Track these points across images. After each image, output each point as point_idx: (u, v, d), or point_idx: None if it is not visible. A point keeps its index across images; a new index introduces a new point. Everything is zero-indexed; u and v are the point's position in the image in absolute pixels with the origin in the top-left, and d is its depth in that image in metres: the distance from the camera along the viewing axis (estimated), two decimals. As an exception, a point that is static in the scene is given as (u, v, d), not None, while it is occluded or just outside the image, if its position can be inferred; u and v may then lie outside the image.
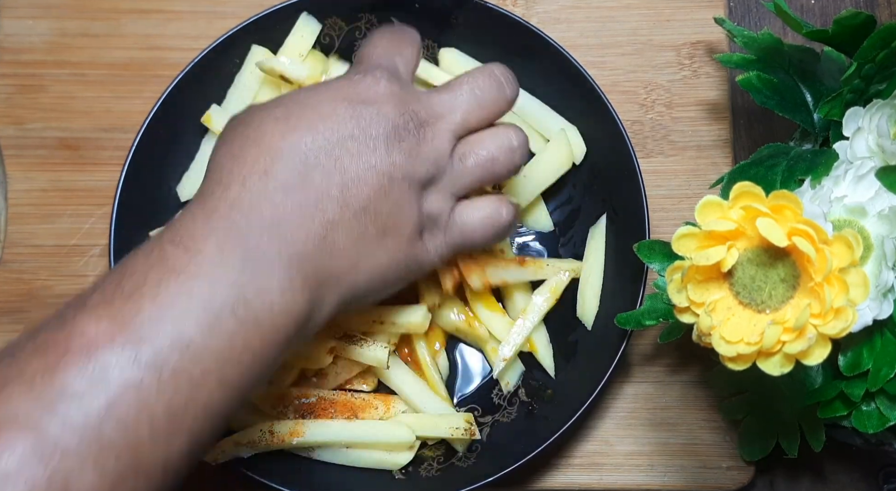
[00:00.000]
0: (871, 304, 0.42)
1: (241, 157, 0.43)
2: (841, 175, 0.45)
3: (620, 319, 0.49)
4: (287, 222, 0.42)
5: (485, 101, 0.48)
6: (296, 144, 0.43)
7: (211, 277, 0.39)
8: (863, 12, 0.47)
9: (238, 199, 0.42)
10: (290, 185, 0.43)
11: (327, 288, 0.43)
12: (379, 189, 0.44)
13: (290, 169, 0.43)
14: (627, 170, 0.54)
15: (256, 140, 0.44)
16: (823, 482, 0.57)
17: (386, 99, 0.45)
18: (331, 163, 0.43)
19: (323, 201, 0.43)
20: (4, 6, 0.61)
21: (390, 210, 0.45)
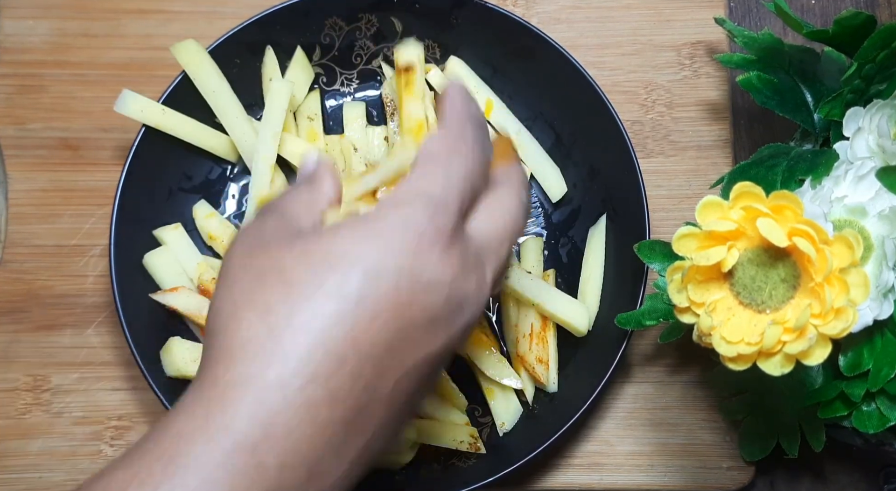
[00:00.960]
0: (871, 304, 0.42)
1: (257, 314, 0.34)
2: (841, 175, 0.45)
3: (620, 319, 0.49)
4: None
5: (517, 235, 0.41)
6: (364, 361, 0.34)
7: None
8: (863, 12, 0.47)
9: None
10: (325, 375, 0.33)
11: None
12: (425, 377, 0.37)
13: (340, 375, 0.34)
14: (627, 170, 0.54)
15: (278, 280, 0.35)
16: (823, 482, 0.57)
17: (455, 265, 0.36)
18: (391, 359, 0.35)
19: (369, 408, 0.35)
20: (4, 6, 0.61)
21: (425, 389, 0.38)
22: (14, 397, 0.56)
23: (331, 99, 0.60)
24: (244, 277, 0.35)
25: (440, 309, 0.36)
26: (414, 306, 0.35)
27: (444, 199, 0.37)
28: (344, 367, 0.33)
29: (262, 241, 0.37)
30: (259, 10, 0.56)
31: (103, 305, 0.58)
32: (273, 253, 0.35)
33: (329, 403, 0.33)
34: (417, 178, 0.37)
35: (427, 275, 0.35)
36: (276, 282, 0.34)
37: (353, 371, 0.33)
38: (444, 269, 0.36)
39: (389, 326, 0.34)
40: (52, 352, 0.57)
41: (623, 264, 0.54)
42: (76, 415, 0.56)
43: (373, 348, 0.34)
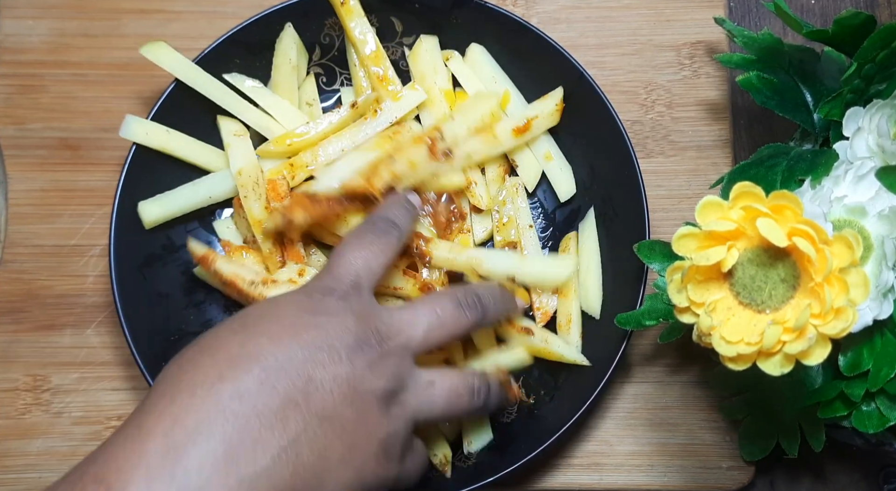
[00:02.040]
0: (871, 304, 0.42)
1: (192, 367, 0.40)
2: (841, 175, 0.45)
3: (620, 319, 0.49)
4: (240, 435, 0.38)
5: (445, 322, 0.48)
6: (256, 352, 0.41)
7: None
8: (863, 12, 0.47)
9: (182, 412, 0.38)
10: (247, 392, 0.39)
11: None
12: (344, 399, 0.42)
13: (250, 375, 0.40)
14: (627, 170, 0.54)
15: (211, 350, 0.41)
16: (823, 482, 0.57)
17: (348, 314, 0.44)
18: (293, 370, 0.41)
19: (285, 409, 0.40)
20: (4, 6, 0.61)
21: (356, 423, 0.42)
22: (14, 397, 0.56)
23: (331, 99, 0.60)
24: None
25: (334, 340, 0.43)
26: (310, 333, 0.43)
27: (339, 272, 0.48)
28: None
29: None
30: (259, 10, 0.56)
31: (103, 305, 0.58)
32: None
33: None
34: (325, 271, 0.48)
35: (317, 319, 0.44)
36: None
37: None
38: (335, 311, 0.45)
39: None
40: (52, 352, 0.57)
41: (623, 264, 0.54)
42: (76, 415, 0.56)
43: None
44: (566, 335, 0.56)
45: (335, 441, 0.41)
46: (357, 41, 0.56)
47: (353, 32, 0.56)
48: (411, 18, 0.58)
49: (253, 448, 0.38)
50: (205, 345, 0.42)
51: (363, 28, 0.56)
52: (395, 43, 0.58)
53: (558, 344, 0.55)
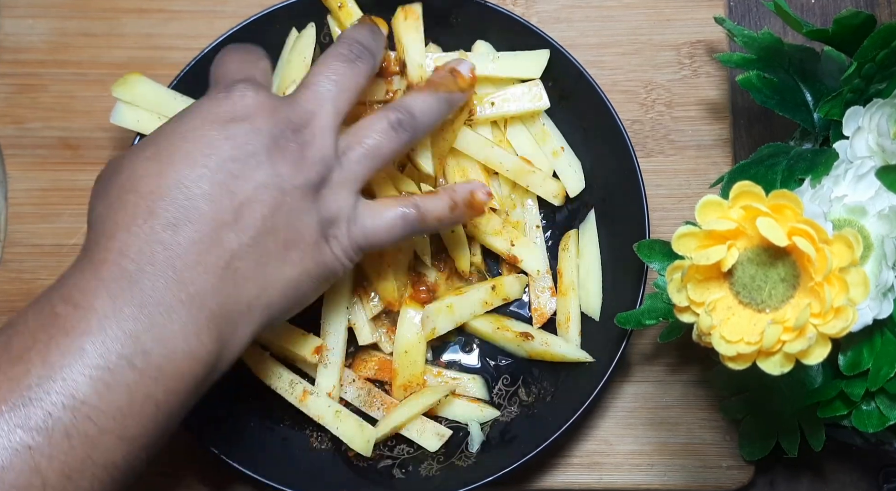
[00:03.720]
0: (871, 303, 0.42)
1: (121, 206, 0.42)
2: (841, 174, 0.45)
3: (620, 319, 0.49)
4: (182, 260, 0.40)
5: (344, 84, 0.47)
6: (175, 180, 0.42)
7: (104, 332, 0.38)
8: (863, 12, 0.47)
9: (125, 246, 0.40)
10: (179, 220, 0.41)
11: (238, 320, 0.42)
12: (272, 205, 0.43)
13: (176, 205, 0.41)
14: (627, 169, 0.54)
15: (133, 186, 0.42)
16: (823, 482, 0.57)
17: (256, 111, 0.44)
18: (216, 190, 0.42)
19: (217, 230, 0.41)
20: (4, 6, 0.61)
21: (288, 222, 0.44)
22: (14, 397, 0.56)
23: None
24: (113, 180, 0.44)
25: (248, 142, 0.43)
26: (224, 145, 0.43)
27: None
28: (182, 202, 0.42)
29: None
30: (259, 10, 0.56)
31: (103, 305, 0.57)
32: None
33: (176, 227, 0.41)
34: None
35: (234, 113, 0.44)
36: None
37: (191, 204, 0.42)
38: (243, 104, 0.45)
39: (209, 166, 0.42)
40: (52, 351, 0.57)
41: (623, 264, 0.54)
42: (76, 414, 0.56)
43: (201, 184, 0.42)
44: (566, 334, 0.56)
45: (270, 245, 0.43)
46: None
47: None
48: (411, 18, 0.58)
49: (194, 268, 0.41)
50: (125, 180, 0.42)
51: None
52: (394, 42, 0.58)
53: (559, 344, 0.55)
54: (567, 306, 0.56)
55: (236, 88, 0.45)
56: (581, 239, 0.57)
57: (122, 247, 0.40)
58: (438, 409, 0.56)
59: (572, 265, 0.56)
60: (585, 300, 0.56)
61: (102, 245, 0.41)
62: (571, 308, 0.56)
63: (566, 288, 0.56)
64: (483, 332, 0.56)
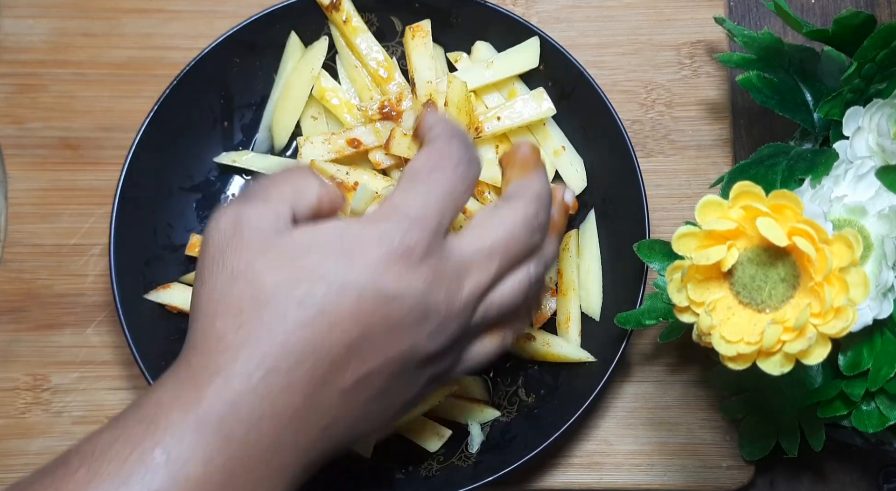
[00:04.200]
0: (871, 303, 0.42)
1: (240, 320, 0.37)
2: (841, 174, 0.45)
3: (620, 319, 0.49)
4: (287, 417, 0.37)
5: (517, 253, 0.42)
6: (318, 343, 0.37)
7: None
8: (863, 12, 0.47)
9: (230, 395, 0.36)
10: (302, 381, 0.37)
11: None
12: (392, 377, 0.39)
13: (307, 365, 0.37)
14: (627, 169, 0.54)
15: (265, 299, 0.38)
16: (823, 482, 0.57)
17: (419, 283, 0.38)
18: (356, 356, 0.38)
19: (326, 398, 0.38)
20: (4, 6, 0.61)
21: (399, 390, 0.41)
22: (14, 397, 0.56)
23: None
24: (219, 276, 0.38)
25: (402, 318, 0.38)
26: (375, 316, 0.38)
27: (420, 216, 0.39)
28: (302, 365, 0.37)
29: (236, 236, 0.39)
30: (259, 10, 0.56)
31: (103, 305, 0.58)
32: (246, 256, 0.38)
33: (288, 391, 0.37)
34: (399, 195, 0.40)
35: (391, 289, 0.38)
36: (247, 286, 0.38)
37: (310, 369, 0.37)
38: (408, 282, 0.38)
39: (349, 333, 0.38)
40: (51, 351, 0.57)
41: (623, 264, 0.54)
42: (76, 414, 0.56)
43: (331, 351, 0.37)
44: (566, 334, 0.56)
45: (373, 408, 0.40)
46: (365, 58, 0.57)
47: (359, 49, 0.57)
48: (411, 18, 0.57)
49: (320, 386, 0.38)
50: (258, 292, 0.37)
51: (369, 43, 0.57)
52: (395, 43, 0.58)
53: (560, 345, 0.55)
54: (567, 306, 0.56)
55: (418, 251, 0.39)
56: (581, 239, 0.57)
57: (229, 396, 0.36)
58: (438, 409, 0.56)
59: (573, 265, 0.56)
60: (586, 300, 0.56)
61: (206, 368, 0.37)
62: (572, 308, 0.56)
63: (566, 288, 0.56)
64: None
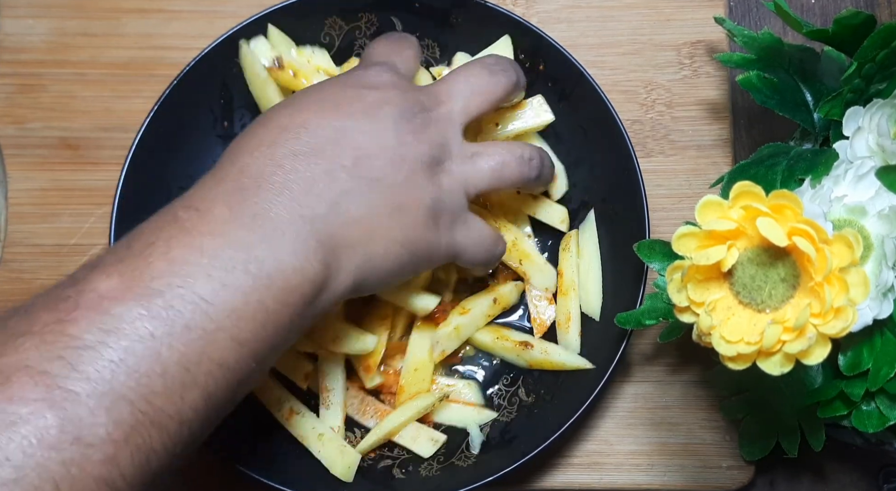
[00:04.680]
0: (871, 303, 0.42)
1: (250, 137, 0.45)
2: (841, 174, 0.45)
3: (620, 319, 0.49)
4: (297, 185, 0.42)
5: (479, 88, 0.50)
6: (302, 120, 0.44)
7: (222, 235, 0.40)
8: (863, 12, 0.47)
9: (246, 166, 0.43)
10: (298, 152, 0.43)
11: (343, 254, 0.43)
12: (391, 163, 0.45)
13: (299, 139, 0.44)
14: (627, 169, 0.54)
15: (265, 122, 0.45)
16: (823, 482, 0.57)
17: (390, 86, 0.47)
18: (342, 137, 0.44)
19: (334, 170, 0.43)
20: (4, 6, 0.61)
21: (403, 186, 0.45)
22: (14, 397, 0.56)
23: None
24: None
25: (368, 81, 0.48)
26: (348, 89, 0.47)
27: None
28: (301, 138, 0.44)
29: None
30: (259, 10, 0.56)
31: (103, 305, 0.57)
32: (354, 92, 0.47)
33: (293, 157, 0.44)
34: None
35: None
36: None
37: (305, 140, 0.44)
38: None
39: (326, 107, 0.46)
40: (52, 351, 0.57)
41: (623, 264, 0.54)
42: (76, 414, 0.56)
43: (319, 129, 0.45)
44: (566, 334, 0.56)
45: (382, 199, 0.45)
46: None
47: None
48: (411, 18, 0.58)
49: (307, 194, 0.42)
50: (258, 120, 0.46)
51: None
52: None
53: (558, 353, 0.55)
54: (567, 306, 0.56)
55: (374, 67, 0.49)
56: (581, 239, 0.57)
57: (243, 166, 0.43)
58: (434, 414, 0.56)
59: (573, 265, 0.56)
60: (585, 300, 0.56)
61: (226, 166, 0.43)
62: (572, 308, 0.56)
63: (567, 287, 0.56)
64: (483, 343, 0.56)
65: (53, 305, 0.37)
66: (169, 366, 0.36)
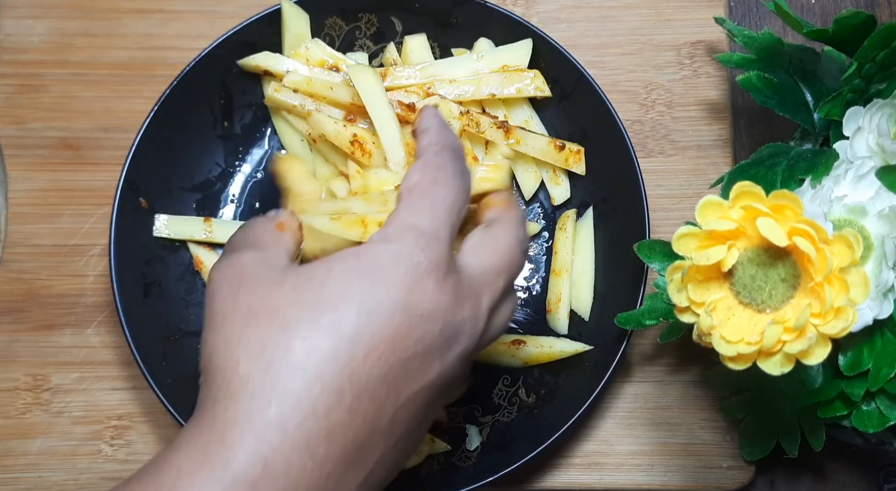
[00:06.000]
0: (871, 303, 0.42)
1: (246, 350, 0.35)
2: (841, 175, 0.45)
3: (620, 319, 0.49)
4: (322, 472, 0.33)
5: (516, 271, 0.41)
6: (327, 360, 0.34)
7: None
8: (863, 12, 0.47)
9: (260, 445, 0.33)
10: (333, 431, 0.34)
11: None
12: (426, 403, 0.37)
13: (325, 390, 0.34)
14: (627, 169, 0.54)
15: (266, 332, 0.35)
16: (823, 482, 0.57)
17: (440, 306, 0.36)
18: (380, 388, 0.35)
19: (369, 440, 0.35)
20: (4, 6, 0.61)
21: (427, 419, 0.38)
22: (14, 397, 0.56)
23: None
24: (234, 317, 0.35)
25: (435, 339, 0.36)
26: (409, 338, 0.35)
27: (433, 230, 0.37)
28: (342, 401, 0.33)
29: (244, 278, 0.37)
30: (259, 10, 0.56)
31: (103, 305, 0.58)
32: (260, 292, 0.36)
33: (327, 438, 0.33)
34: (404, 212, 0.38)
35: (422, 307, 0.35)
36: (268, 321, 0.34)
37: (351, 405, 0.34)
38: (438, 299, 0.36)
39: (386, 358, 0.34)
40: (52, 352, 0.57)
41: (623, 264, 0.54)
42: (76, 414, 0.56)
43: (369, 382, 0.34)
44: (556, 314, 0.56)
45: (405, 446, 0.37)
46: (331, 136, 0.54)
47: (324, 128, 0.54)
48: (411, 18, 0.58)
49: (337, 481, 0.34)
50: (268, 339, 0.35)
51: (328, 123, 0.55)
52: (395, 43, 0.58)
53: (552, 343, 0.55)
54: (559, 287, 0.56)
55: (433, 268, 0.36)
56: (577, 236, 0.57)
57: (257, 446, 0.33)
58: None
59: (568, 246, 0.56)
60: (577, 299, 0.56)
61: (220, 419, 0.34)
62: (563, 289, 0.56)
63: (560, 268, 0.56)
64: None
65: None
66: None
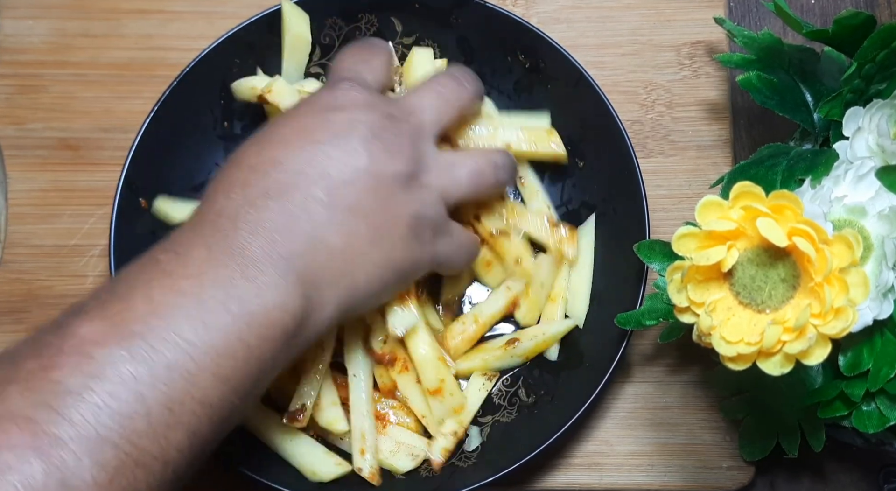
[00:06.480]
0: (871, 304, 0.42)
1: (224, 178, 0.45)
2: (841, 175, 0.45)
3: (620, 319, 0.49)
4: (272, 223, 0.43)
5: (449, 98, 0.51)
6: (273, 158, 0.45)
7: (201, 276, 0.40)
8: (863, 12, 0.47)
9: (223, 208, 0.43)
10: (272, 190, 0.43)
11: (325, 286, 0.44)
12: (365, 188, 0.45)
13: (269, 178, 0.44)
14: (627, 170, 0.54)
15: (236, 162, 0.46)
16: (823, 482, 0.57)
17: (356, 105, 0.47)
18: (311, 169, 0.44)
19: (308, 202, 0.44)
20: (4, 6, 0.61)
21: (381, 208, 0.45)
22: (14, 397, 0.56)
23: (331, 99, 0.60)
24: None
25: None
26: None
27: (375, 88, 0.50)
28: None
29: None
30: (259, 10, 0.56)
31: (103, 305, 0.57)
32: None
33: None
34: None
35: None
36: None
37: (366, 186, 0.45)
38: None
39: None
40: (52, 352, 0.57)
41: (623, 264, 0.54)
42: (76, 415, 0.56)
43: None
44: (552, 305, 0.56)
45: (361, 226, 0.45)
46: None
47: None
48: (411, 18, 0.58)
49: (284, 232, 0.43)
50: (232, 159, 0.46)
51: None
52: (394, 43, 0.58)
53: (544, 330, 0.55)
54: (553, 313, 0.57)
55: (340, 85, 0.48)
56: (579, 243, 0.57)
57: (220, 209, 0.43)
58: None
59: (565, 272, 0.57)
60: (572, 304, 0.56)
61: (204, 209, 0.44)
62: (558, 314, 0.57)
63: (556, 295, 0.57)
64: (473, 368, 0.56)
65: (38, 351, 0.37)
66: (152, 407, 0.37)
